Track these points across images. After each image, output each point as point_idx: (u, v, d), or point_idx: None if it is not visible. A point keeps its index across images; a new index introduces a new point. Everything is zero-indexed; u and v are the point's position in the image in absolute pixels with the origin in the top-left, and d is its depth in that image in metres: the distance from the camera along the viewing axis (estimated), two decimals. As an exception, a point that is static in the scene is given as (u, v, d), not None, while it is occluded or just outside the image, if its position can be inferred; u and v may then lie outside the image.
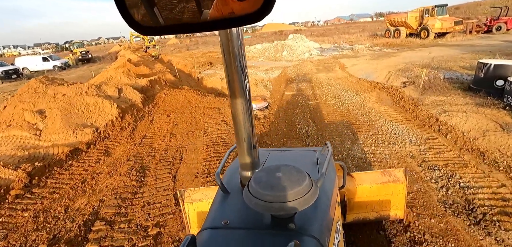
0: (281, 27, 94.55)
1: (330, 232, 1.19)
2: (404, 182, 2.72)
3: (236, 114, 1.22)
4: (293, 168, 1.14)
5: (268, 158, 1.84)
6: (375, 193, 2.73)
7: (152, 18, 0.72)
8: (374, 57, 14.99)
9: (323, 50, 20.84)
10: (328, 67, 13.46)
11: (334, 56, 17.18)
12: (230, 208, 1.31)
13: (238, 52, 1.08)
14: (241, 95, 1.16)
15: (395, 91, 8.04)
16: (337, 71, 12.42)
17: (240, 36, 1.07)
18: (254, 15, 0.64)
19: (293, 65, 14.75)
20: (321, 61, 15.36)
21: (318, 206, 1.22)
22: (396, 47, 19.08)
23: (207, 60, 22.56)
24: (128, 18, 0.68)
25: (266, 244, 1.08)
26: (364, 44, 22.25)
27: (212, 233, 1.17)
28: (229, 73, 1.12)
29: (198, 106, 8.35)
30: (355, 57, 15.80)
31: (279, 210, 1.02)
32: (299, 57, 17.52)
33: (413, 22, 24.66)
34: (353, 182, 2.71)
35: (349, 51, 18.67)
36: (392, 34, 26.41)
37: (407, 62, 11.92)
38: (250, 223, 1.18)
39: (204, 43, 51.49)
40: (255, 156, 1.34)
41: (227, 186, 1.43)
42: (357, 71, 11.70)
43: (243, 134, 1.25)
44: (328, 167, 1.42)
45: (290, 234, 1.07)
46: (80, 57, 31.62)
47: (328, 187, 1.44)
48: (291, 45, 19.17)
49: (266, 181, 1.08)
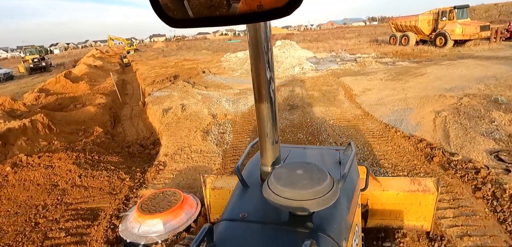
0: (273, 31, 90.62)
1: (348, 234, 1.17)
2: (435, 192, 2.51)
3: (260, 109, 1.17)
4: (314, 166, 1.13)
5: (289, 154, 1.76)
6: (402, 201, 2.56)
7: (182, 10, 0.71)
8: (390, 75, 10.61)
9: (318, 61, 16.41)
10: (328, 93, 8.99)
11: (334, 71, 12.74)
12: (249, 201, 1.30)
13: (265, 47, 1.05)
14: (265, 90, 1.13)
15: (494, 190, 3.54)
16: (342, 102, 7.95)
17: (268, 31, 1.04)
18: (283, 9, 0.63)
19: (276, 88, 10.27)
20: (316, 81, 10.91)
21: (338, 207, 1.19)
22: (412, 59, 14.79)
23: (174, 72, 18.25)
24: (159, 12, 0.69)
25: (282, 240, 1.06)
26: (369, 53, 17.93)
27: (229, 224, 1.16)
28: (256, 68, 1.10)
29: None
30: (364, 74, 11.39)
31: (297, 208, 1.01)
32: (286, 72, 13.06)
33: (425, 27, 20.52)
34: (379, 186, 2.57)
35: (352, 63, 14.26)
36: (398, 41, 22.26)
37: (449, 88, 7.55)
38: (268, 218, 1.16)
39: (189, 48, 46.88)
40: (276, 152, 1.30)
41: (247, 179, 1.42)
42: (376, 105, 7.25)
43: (266, 129, 1.21)
44: (351, 168, 1.34)
45: (307, 233, 1.04)
46: (31, 65, 26.68)
47: (349, 188, 1.39)
48: (277, 55, 14.64)
49: (286, 177, 1.07)
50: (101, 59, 36.42)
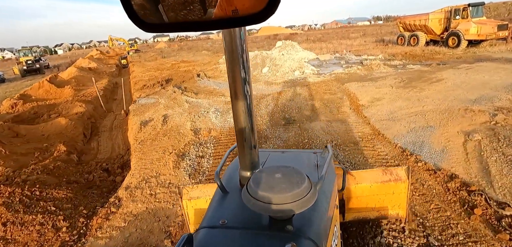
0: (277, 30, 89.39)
1: (328, 234, 1.18)
2: (406, 181, 2.52)
3: (237, 114, 1.16)
4: (293, 169, 1.12)
5: (268, 158, 1.74)
6: (376, 192, 2.57)
7: (157, 15, 0.70)
8: (402, 81, 9.40)
9: (321, 64, 15.21)
10: (331, 104, 7.83)
11: (338, 75, 11.55)
12: (228, 207, 1.27)
13: (241, 52, 1.03)
14: (242, 94, 1.11)
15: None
16: (348, 116, 6.80)
17: (243, 36, 1.02)
18: (259, 15, 0.63)
19: (271, 96, 9.11)
20: (318, 87, 9.75)
21: (316, 209, 1.19)
22: (424, 62, 13.54)
23: (168, 75, 17.31)
24: (132, 16, 0.66)
25: (263, 245, 1.05)
26: (376, 55, 16.69)
27: (209, 232, 1.15)
28: (232, 73, 1.08)
29: None
30: (371, 80, 10.19)
31: (277, 211, 1.00)
32: (285, 77, 11.90)
33: (436, 26, 19.19)
34: (353, 180, 2.57)
35: (358, 66, 13.03)
36: (406, 41, 20.95)
37: (474, 100, 6.36)
38: (248, 224, 1.14)
39: (190, 48, 45.84)
40: (255, 156, 1.28)
41: (226, 185, 1.38)
42: (387, 121, 6.09)
43: (243, 134, 1.19)
44: (328, 170, 1.37)
45: (288, 236, 1.04)
46: (25, 67, 25.90)
47: (327, 189, 1.40)
48: (276, 58, 13.47)
49: (265, 181, 1.06)
50: (99, 60, 35.63)
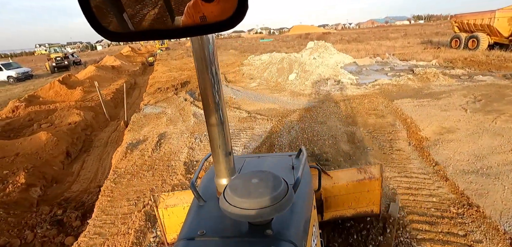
0: (309, 29, 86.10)
1: (307, 235, 1.19)
2: (379, 178, 2.62)
3: (210, 122, 1.18)
4: (269, 173, 1.13)
5: (244, 164, 1.75)
6: (352, 190, 2.65)
7: (122, 24, 0.68)
8: (475, 100, 6.93)
9: (360, 70, 12.83)
10: (379, 134, 5.69)
11: (383, 87, 9.21)
12: (206, 217, 1.27)
13: (210, 59, 1.05)
14: (213, 101, 1.13)
15: None
16: (407, 159, 4.64)
17: (212, 44, 1.04)
18: (227, 22, 0.64)
19: (297, 114, 7.12)
20: (359, 105, 7.59)
21: (294, 211, 1.21)
22: (494, 71, 10.69)
23: (187, 77, 16.14)
24: (95, 24, 0.64)
25: None
26: (427, 60, 13.91)
27: (187, 244, 1.13)
28: (202, 80, 1.10)
29: None
30: (431, 96, 7.79)
31: (256, 217, 1.00)
32: (315, 86, 9.82)
33: (504, 26, 15.82)
34: (330, 180, 2.62)
35: (408, 75, 10.52)
36: (463, 44, 17.67)
37: None
38: (227, 232, 1.15)
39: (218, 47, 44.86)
40: (231, 163, 1.29)
41: (203, 194, 1.38)
42: (476, 176, 3.88)
43: (218, 141, 1.20)
44: (303, 171, 1.37)
45: (268, 240, 1.05)
46: (54, 64, 26.26)
47: (303, 191, 1.41)
48: (305, 62, 11.37)
49: (242, 188, 1.06)
50: (127, 57, 35.75)
